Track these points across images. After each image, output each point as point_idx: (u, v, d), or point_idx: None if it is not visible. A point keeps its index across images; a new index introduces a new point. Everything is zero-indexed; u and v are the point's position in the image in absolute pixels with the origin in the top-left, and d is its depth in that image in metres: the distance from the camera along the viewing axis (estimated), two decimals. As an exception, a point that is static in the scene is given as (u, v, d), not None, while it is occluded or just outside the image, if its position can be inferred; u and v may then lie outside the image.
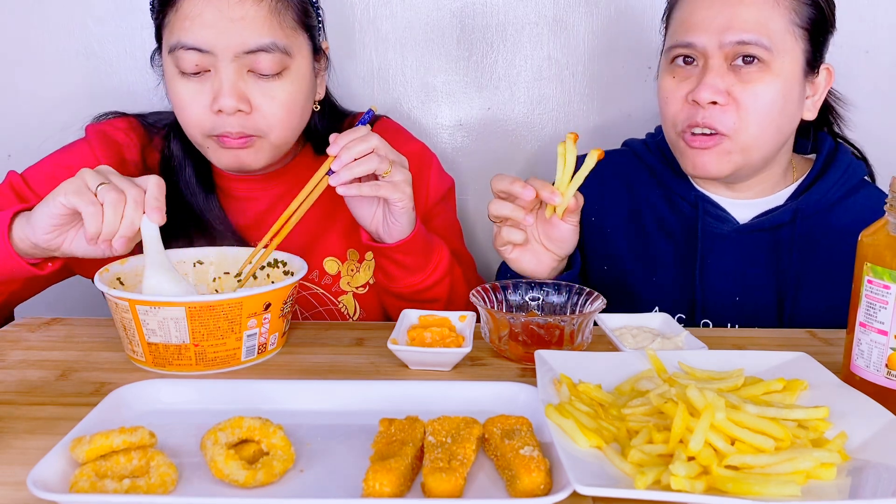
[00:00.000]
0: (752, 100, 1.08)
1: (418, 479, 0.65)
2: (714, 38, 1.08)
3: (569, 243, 1.08)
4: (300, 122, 1.14)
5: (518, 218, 1.03)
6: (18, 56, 1.54)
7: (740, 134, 1.10)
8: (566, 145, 1.00)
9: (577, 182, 1.01)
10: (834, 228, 1.18)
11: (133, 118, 1.22)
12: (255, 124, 1.07)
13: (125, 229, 0.89)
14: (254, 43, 1.03)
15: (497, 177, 1.05)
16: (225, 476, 0.63)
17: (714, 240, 1.20)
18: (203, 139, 1.09)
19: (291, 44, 1.07)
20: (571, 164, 1.01)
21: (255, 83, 1.06)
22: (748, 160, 1.13)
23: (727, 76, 1.08)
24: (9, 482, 0.65)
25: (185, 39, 1.03)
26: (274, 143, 1.11)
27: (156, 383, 0.79)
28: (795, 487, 0.59)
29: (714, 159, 1.12)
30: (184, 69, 1.05)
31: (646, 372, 0.81)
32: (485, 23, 1.55)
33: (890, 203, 0.77)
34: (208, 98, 1.05)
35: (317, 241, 1.22)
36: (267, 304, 0.90)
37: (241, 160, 1.10)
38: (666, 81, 1.15)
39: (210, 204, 1.17)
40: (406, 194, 1.02)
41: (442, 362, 0.90)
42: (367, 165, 0.98)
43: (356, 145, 0.98)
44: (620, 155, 1.33)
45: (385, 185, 1.00)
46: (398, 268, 1.09)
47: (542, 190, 1.01)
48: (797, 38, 1.09)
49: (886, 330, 0.77)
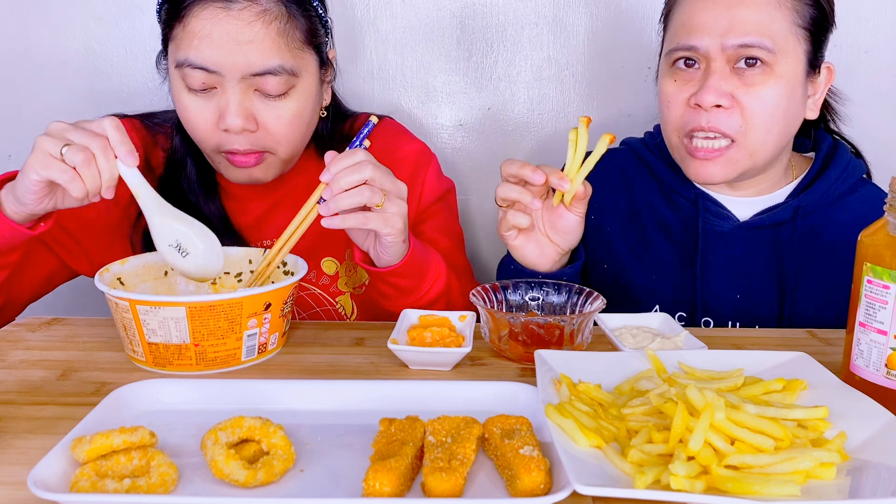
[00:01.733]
0: (756, 103, 1.08)
1: (418, 479, 0.65)
2: (716, 41, 1.07)
3: (574, 235, 1.08)
4: (307, 134, 1.14)
5: (525, 201, 1.01)
6: (18, 56, 1.54)
7: (746, 138, 1.09)
8: (578, 130, 0.99)
9: (587, 168, 1.00)
10: (834, 226, 1.18)
11: (135, 119, 1.22)
12: (262, 141, 1.07)
13: (107, 181, 0.89)
14: (261, 66, 1.03)
15: (507, 161, 1.03)
16: (225, 476, 0.63)
17: (714, 238, 1.20)
18: (213, 154, 1.10)
19: (298, 64, 1.06)
20: (583, 150, 0.99)
21: (261, 102, 1.06)
22: (755, 164, 1.13)
23: (730, 79, 1.08)
24: (9, 482, 0.65)
25: (193, 58, 1.03)
26: (282, 158, 1.11)
27: (156, 383, 0.79)
28: (795, 487, 0.59)
29: (719, 169, 1.12)
30: (190, 86, 1.05)
31: (645, 372, 0.81)
32: (485, 23, 1.55)
33: (890, 203, 0.77)
34: (214, 115, 1.05)
35: (315, 242, 1.22)
36: (267, 304, 0.90)
37: (252, 176, 1.11)
38: (667, 85, 1.14)
39: (211, 203, 1.17)
40: (396, 229, 0.97)
41: (442, 362, 0.90)
42: (357, 199, 0.94)
43: (348, 175, 0.93)
44: (620, 153, 1.33)
45: (374, 218, 0.96)
46: (392, 289, 1.07)
47: (552, 175, 1.00)
48: (799, 38, 1.09)
49: (886, 330, 0.77)
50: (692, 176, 1.16)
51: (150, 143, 1.20)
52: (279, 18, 1.03)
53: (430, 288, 1.09)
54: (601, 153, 0.99)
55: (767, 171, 1.18)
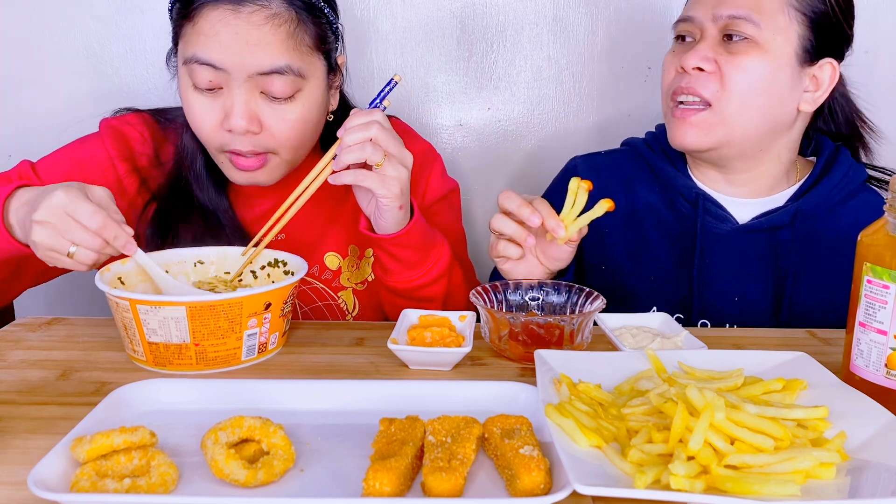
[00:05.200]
0: (736, 72, 1.10)
1: (418, 479, 0.65)
2: (708, 12, 1.12)
3: (564, 262, 1.09)
4: (312, 139, 1.15)
5: (519, 239, 1.03)
6: (19, 56, 1.54)
7: (721, 103, 1.11)
8: (581, 186, 1.01)
9: (582, 223, 1.02)
10: (833, 231, 1.18)
11: (146, 114, 1.23)
12: (266, 143, 1.07)
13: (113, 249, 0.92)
14: (268, 65, 1.03)
15: (506, 195, 1.03)
16: (225, 476, 0.63)
17: (713, 239, 1.20)
18: (217, 153, 1.11)
19: (306, 67, 1.06)
20: (580, 206, 1.02)
21: (266, 104, 1.06)
22: (731, 136, 1.13)
23: (717, 47, 1.12)
24: (9, 482, 0.65)
25: (200, 55, 1.03)
26: (286, 160, 1.11)
27: (156, 383, 0.79)
28: (795, 487, 0.59)
29: (695, 131, 1.14)
30: (197, 83, 1.05)
31: (645, 372, 0.81)
32: (485, 23, 1.55)
33: (890, 203, 0.77)
34: (219, 115, 1.05)
35: (319, 236, 1.23)
36: (267, 304, 0.90)
37: (255, 179, 1.11)
38: (666, 57, 1.20)
39: (219, 198, 1.18)
40: (392, 192, 0.99)
41: (442, 362, 0.90)
42: (357, 154, 0.97)
43: (356, 131, 0.97)
44: (619, 154, 1.33)
45: (370, 177, 0.98)
46: (394, 261, 1.08)
47: (549, 219, 1.01)
48: (792, 19, 1.10)
49: (886, 330, 0.77)
50: (674, 141, 1.18)
51: (160, 137, 1.21)
52: (289, 22, 1.04)
53: (434, 265, 1.10)
54: (597, 215, 1.01)
55: (763, 164, 1.18)
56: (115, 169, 1.17)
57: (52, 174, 1.14)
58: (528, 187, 1.58)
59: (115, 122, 1.20)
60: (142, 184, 1.17)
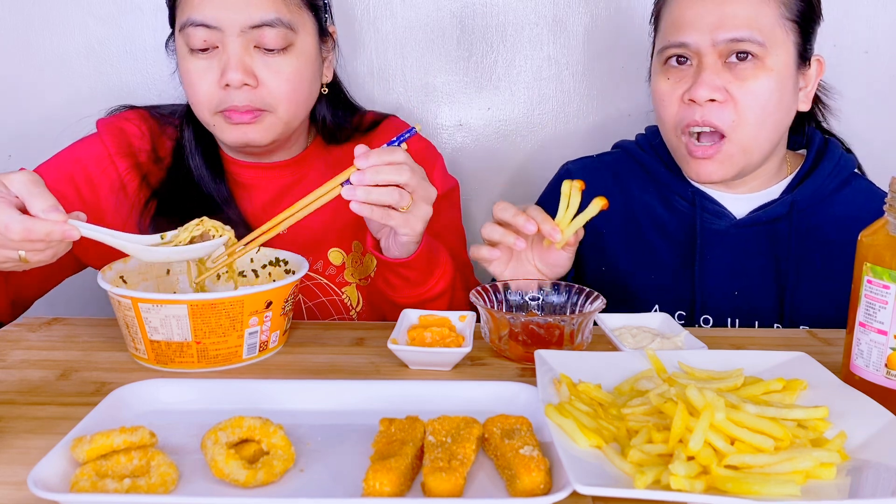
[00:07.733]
0: (748, 97, 1.09)
1: (418, 479, 0.65)
2: (706, 37, 1.08)
3: (563, 269, 1.08)
4: (307, 101, 1.16)
5: (508, 243, 1.02)
6: (19, 56, 1.54)
7: (738, 131, 1.10)
8: (573, 187, 1.01)
9: (577, 225, 1.02)
10: (829, 220, 1.19)
11: (143, 110, 1.24)
12: (262, 98, 1.10)
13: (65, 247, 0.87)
14: (259, 17, 1.07)
15: (500, 205, 1.03)
16: (225, 476, 0.63)
17: (712, 236, 1.21)
18: (211, 116, 1.12)
19: (296, 20, 1.10)
20: (574, 207, 1.02)
21: (261, 58, 1.09)
22: (750, 160, 1.13)
23: (723, 73, 1.09)
24: (9, 482, 0.65)
25: (194, 16, 1.07)
26: (282, 119, 1.13)
27: (156, 383, 0.79)
28: (795, 487, 0.59)
29: (717, 167, 1.13)
30: (193, 45, 1.09)
31: (645, 372, 0.81)
32: (485, 23, 1.55)
33: (889, 203, 0.77)
34: (216, 74, 1.09)
35: (323, 232, 1.23)
36: (268, 302, 0.90)
37: (247, 136, 1.12)
38: (660, 84, 1.15)
39: (219, 189, 1.19)
40: (415, 231, 0.99)
41: (442, 362, 0.90)
42: (386, 198, 0.94)
43: (386, 172, 0.94)
44: (612, 157, 1.33)
45: (397, 217, 0.97)
46: (399, 279, 1.08)
47: (544, 224, 1.01)
48: (788, 31, 1.10)
49: (886, 330, 0.77)
50: (692, 175, 1.17)
51: (157, 132, 1.22)
52: None
53: (437, 282, 1.11)
54: (592, 215, 1.01)
55: (764, 165, 1.19)
56: (115, 167, 1.17)
57: (53, 178, 1.14)
58: (527, 187, 1.59)
59: (113, 119, 1.21)
60: (142, 180, 1.18)
